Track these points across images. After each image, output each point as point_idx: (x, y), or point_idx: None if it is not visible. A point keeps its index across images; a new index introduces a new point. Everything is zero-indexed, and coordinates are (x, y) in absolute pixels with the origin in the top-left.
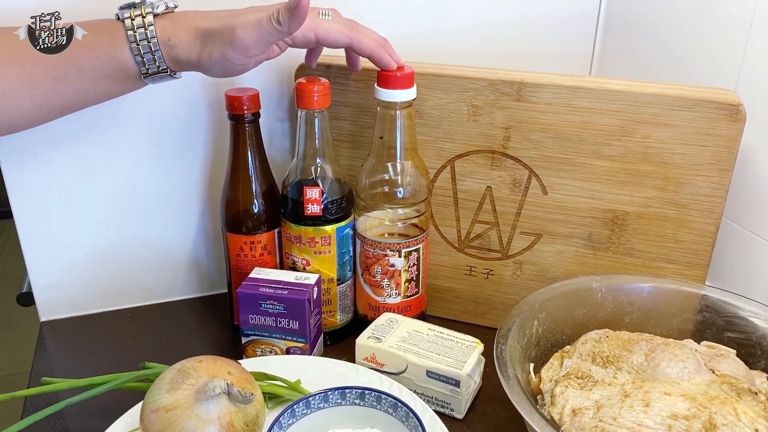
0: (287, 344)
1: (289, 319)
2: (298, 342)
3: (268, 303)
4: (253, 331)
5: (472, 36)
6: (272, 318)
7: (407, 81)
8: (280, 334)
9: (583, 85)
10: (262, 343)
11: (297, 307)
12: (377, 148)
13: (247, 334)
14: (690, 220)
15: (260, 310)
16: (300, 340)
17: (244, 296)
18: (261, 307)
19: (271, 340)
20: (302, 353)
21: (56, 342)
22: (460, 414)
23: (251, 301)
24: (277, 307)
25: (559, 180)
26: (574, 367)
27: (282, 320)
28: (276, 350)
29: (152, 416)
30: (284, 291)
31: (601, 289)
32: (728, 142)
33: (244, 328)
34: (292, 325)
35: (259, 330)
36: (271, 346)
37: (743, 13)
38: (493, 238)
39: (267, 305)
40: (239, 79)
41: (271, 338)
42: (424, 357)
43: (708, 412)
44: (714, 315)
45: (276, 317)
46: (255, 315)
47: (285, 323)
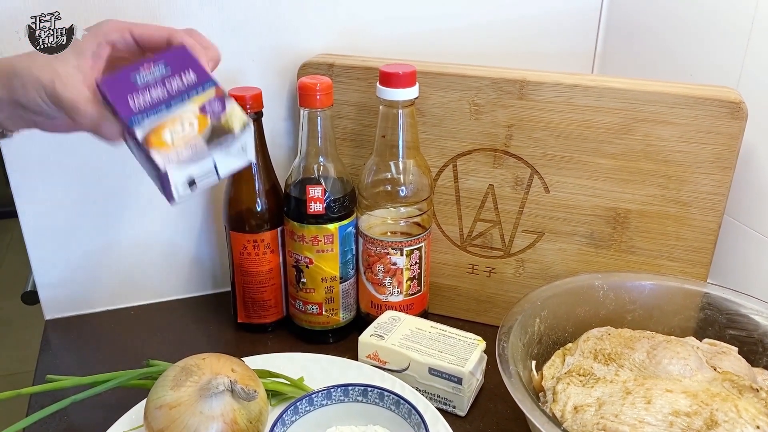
0: (196, 102)
1: (180, 73)
2: (207, 92)
3: (144, 72)
4: (145, 115)
5: (474, 35)
6: (160, 89)
7: (409, 80)
8: (178, 97)
9: (585, 84)
10: (163, 123)
11: (180, 55)
12: (380, 146)
13: (139, 122)
14: (692, 218)
15: (138, 87)
16: (207, 87)
17: (109, 84)
18: (138, 83)
19: (171, 112)
20: (222, 103)
21: (61, 340)
22: (463, 411)
23: (121, 84)
24: (156, 71)
25: (561, 178)
26: (576, 365)
27: (173, 81)
28: (186, 120)
29: (156, 413)
30: (157, 55)
31: (603, 286)
32: (730, 140)
33: (131, 116)
34: (186, 78)
35: (152, 110)
36: (177, 120)
37: (745, 12)
38: (495, 237)
39: (144, 76)
40: (242, 78)
41: (171, 110)
42: (427, 354)
43: (709, 409)
44: (716, 312)
45: (163, 83)
46: (136, 94)
47: (178, 82)
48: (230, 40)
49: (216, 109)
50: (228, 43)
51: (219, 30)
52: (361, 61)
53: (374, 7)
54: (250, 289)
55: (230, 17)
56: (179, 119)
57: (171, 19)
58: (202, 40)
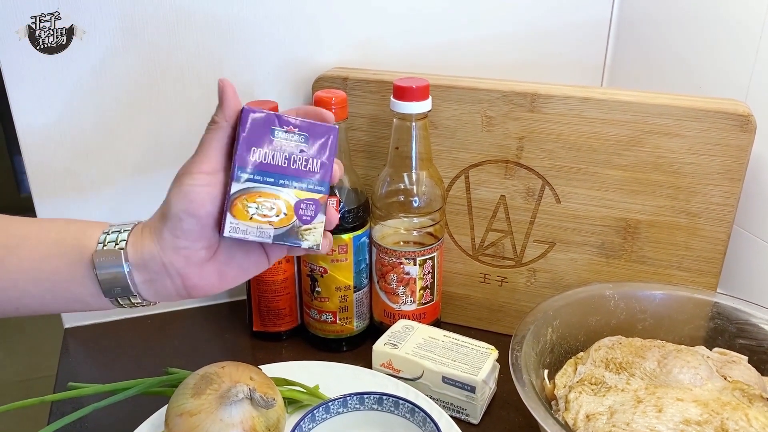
0: (298, 195)
1: (311, 157)
2: (315, 191)
3: (286, 131)
4: (253, 173)
5: (485, 47)
6: (284, 158)
7: (422, 93)
8: (291, 179)
9: (595, 97)
10: (260, 193)
11: (324, 136)
12: (393, 158)
13: (239, 178)
14: (701, 229)
15: (271, 140)
16: (318, 187)
17: (253, 119)
18: (273, 135)
19: (275, 189)
20: (314, 213)
21: (80, 348)
22: (476, 419)
23: (263, 126)
24: (296, 136)
25: (572, 189)
26: (587, 374)
27: (300, 156)
28: (278, 205)
29: (177, 420)
30: (304, 121)
31: (614, 296)
32: (739, 152)
33: (240, 168)
34: (312, 165)
35: (261, 172)
36: (272, 198)
37: (754, 24)
38: (507, 246)
39: (282, 135)
40: (259, 92)
41: (276, 186)
42: (440, 363)
43: (720, 417)
44: (726, 322)
45: (289, 154)
46: (261, 147)
47: (302, 162)
48: (247, 54)
49: (307, 216)
50: (245, 57)
51: (235, 44)
52: (375, 74)
53: (387, 22)
54: (265, 297)
55: (247, 32)
56: (273, 199)
57: (186, 34)
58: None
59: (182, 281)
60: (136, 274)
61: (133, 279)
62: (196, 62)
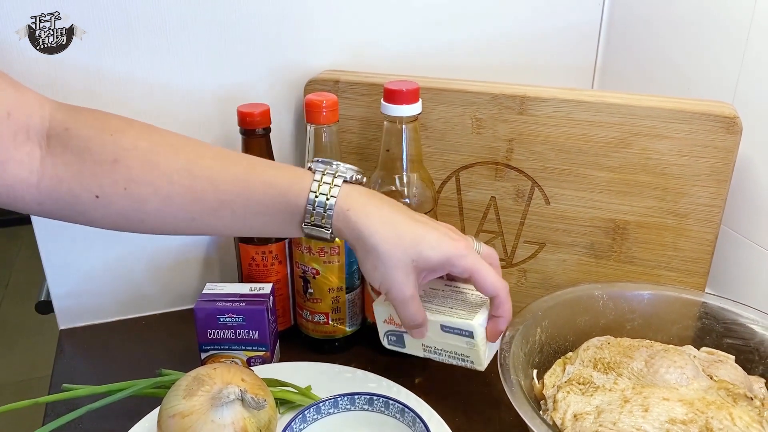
0: (248, 354)
1: (249, 330)
2: (259, 351)
3: (227, 316)
4: (212, 345)
5: (477, 50)
6: (231, 331)
7: (413, 96)
8: (240, 345)
9: (583, 99)
10: (222, 356)
11: (256, 317)
12: (384, 160)
13: (206, 350)
14: (689, 229)
15: (219, 324)
16: (260, 348)
17: (202, 313)
18: (219, 321)
19: (230, 352)
20: (263, 362)
21: (74, 349)
22: (481, 366)
23: (209, 317)
24: (236, 319)
25: (561, 190)
26: (576, 373)
27: (241, 331)
28: (237, 361)
29: (169, 421)
30: (242, 303)
31: (603, 296)
32: (725, 154)
33: (203, 344)
34: (251, 335)
35: (218, 344)
36: (231, 358)
37: (740, 27)
38: (497, 247)
39: (225, 319)
40: (251, 94)
41: (230, 351)
42: (438, 312)
43: (705, 416)
44: (713, 322)
45: (235, 329)
46: (214, 330)
47: (245, 334)
48: (240, 57)
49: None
50: (237, 61)
51: (228, 47)
52: (366, 77)
53: (378, 25)
54: None
55: (239, 35)
56: (229, 359)
57: (179, 35)
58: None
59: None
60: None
61: (334, 237)
62: (193, 64)
